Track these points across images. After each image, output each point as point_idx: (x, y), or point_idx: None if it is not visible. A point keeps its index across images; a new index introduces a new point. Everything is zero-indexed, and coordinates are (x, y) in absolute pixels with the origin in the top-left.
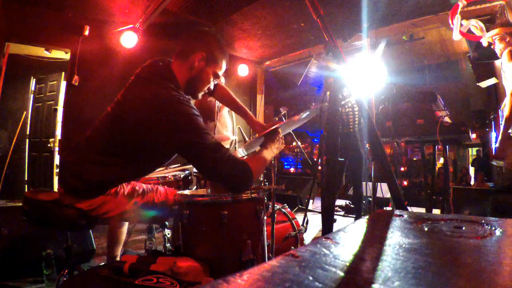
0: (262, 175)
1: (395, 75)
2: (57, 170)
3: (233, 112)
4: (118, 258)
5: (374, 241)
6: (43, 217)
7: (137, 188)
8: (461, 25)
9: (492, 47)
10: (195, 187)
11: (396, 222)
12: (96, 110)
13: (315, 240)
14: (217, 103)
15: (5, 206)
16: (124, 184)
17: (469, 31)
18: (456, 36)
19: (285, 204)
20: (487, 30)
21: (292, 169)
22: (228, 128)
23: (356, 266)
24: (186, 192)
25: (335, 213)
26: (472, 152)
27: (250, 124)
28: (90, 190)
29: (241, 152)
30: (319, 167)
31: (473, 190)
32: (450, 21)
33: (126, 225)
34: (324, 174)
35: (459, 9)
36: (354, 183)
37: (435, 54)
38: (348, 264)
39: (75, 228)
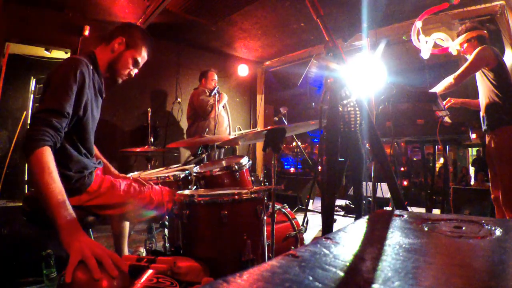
0: (262, 175)
1: (395, 75)
2: None
3: (227, 108)
4: (126, 253)
5: (374, 241)
6: (45, 217)
7: (133, 185)
8: (426, 42)
9: (461, 54)
10: (194, 187)
11: (396, 222)
12: None
13: (315, 240)
14: (210, 101)
15: (5, 206)
16: (120, 179)
17: (436, 45)
18: (426, 55)
19: (285, 204)
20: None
21: (292, 169)
22: (224, 125)
23: (356, 266)
24: (186, 192)
25: (335, 213)
26: (472, 152)
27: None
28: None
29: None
30: (319, 167)
31: (473, 190)
32: (415, 43)
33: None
34: (324, 174)
35: (419, 29)
36: (354, 183)
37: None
38: (348, 264)
39: None
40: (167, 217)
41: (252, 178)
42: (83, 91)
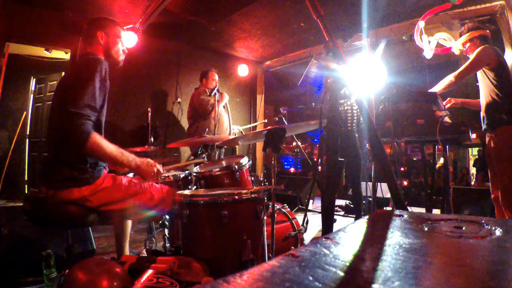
0: (262, 175)
1: (395, 75)
2: None
3: (228, 107)
4: (127, 253)
5: (374, 241)
6: (45, 216)
7: (134, 181)
8: (429, 42)
9: (464, 54)
10: (194, 187)
11: (396, 222)
12: None
13: (315, 240)
14: (210, 101)
15: (5, 206)
16: (122, 176)
17: (438, 45)
18: (428, 54)
19: (285, 204)
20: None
21: (292, 169)
22: (225, 125)
23: (356, 266)
24: (186, 192)
25: (335, 213)
26: (473, 152)
27: None
28: (76, 171)
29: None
30: (319, 167)
31: (473, 190)
32: (417, 43)
33: (129, 221)
34: (324, 174)
35: (421, 29)
36: (353, 182)
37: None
38: (348, 264)
39: (77, 225)
40: (167, 217)
41: (252, 178)
42: (106, 85)
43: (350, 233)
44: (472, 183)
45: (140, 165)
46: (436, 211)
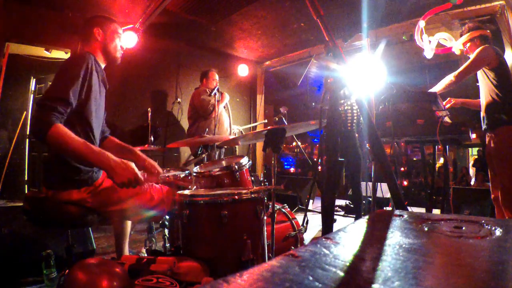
0: (262, 175)
1: (395, 75)
2: None
3: (229, 107)
4: (127, 253)
5: (374, 241)
6: (45, 216)
7: None
8: (430, 41)
9: (464, 54)
10: (194, 187)
11: (396, 222)
12: None
13: (315, 240)
14: (211, 101)
15: (5, 206)
16: None
17: (439, 44)
18: (429, 54)
19: (285, 204)
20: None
21: (292, 169)
22: (225, 125)
23: (356, 266)
24: (186, 192)
25: (335, 213)
26: (472, 152)
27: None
28: (75, 171)
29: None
30: (319, 167)
31: (473, 190)
32: (418, 43)
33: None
34: (324, 174)
35: (422, 29)
36: (353, 182)
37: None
38: (348, 264)
39: (77, 225)
40: (167, 217)
41: (252, 178)
42: (91, 80)
43: (350, 233)
44: (472, 183)
45: (114, 167)
46: (436, 211)
